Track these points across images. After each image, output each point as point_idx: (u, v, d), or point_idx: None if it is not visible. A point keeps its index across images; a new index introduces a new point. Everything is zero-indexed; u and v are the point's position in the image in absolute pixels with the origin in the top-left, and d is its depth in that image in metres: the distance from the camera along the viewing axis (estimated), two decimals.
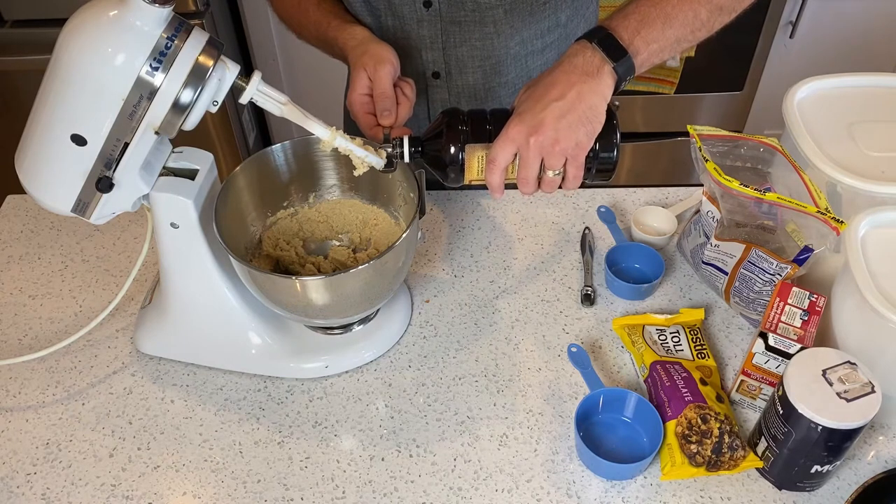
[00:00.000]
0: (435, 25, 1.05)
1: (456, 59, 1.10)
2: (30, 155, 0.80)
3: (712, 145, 1.01)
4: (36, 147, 0.79)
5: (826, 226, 0.88)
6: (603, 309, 1.04)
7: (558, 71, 0.81)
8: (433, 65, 1.10)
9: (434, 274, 1.09)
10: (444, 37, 1.07)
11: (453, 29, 1.06)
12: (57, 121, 0.76)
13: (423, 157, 0.88)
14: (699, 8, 0.84)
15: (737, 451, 0.83)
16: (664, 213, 1.13)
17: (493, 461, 0.87)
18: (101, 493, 0.85)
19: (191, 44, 0.73)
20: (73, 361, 0.98)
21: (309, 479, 0.86)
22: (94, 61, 0.72)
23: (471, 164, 0.85)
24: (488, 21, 1.05)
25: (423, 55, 1.09)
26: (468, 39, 1.07)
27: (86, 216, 0.84)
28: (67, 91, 0.74)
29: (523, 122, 0.79)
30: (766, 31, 2.24)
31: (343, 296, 0.88)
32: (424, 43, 1.08)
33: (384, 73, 0.93)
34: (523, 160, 0.81)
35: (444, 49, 1.08)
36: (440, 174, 0.87)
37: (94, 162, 0.78)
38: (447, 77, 1.12)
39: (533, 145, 0.79)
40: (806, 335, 0.85)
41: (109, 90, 0.73)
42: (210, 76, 0.74)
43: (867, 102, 1.04)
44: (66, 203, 0.82)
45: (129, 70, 0.72)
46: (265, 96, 0.81)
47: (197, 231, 0.87)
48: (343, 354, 0.97)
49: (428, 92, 1.14)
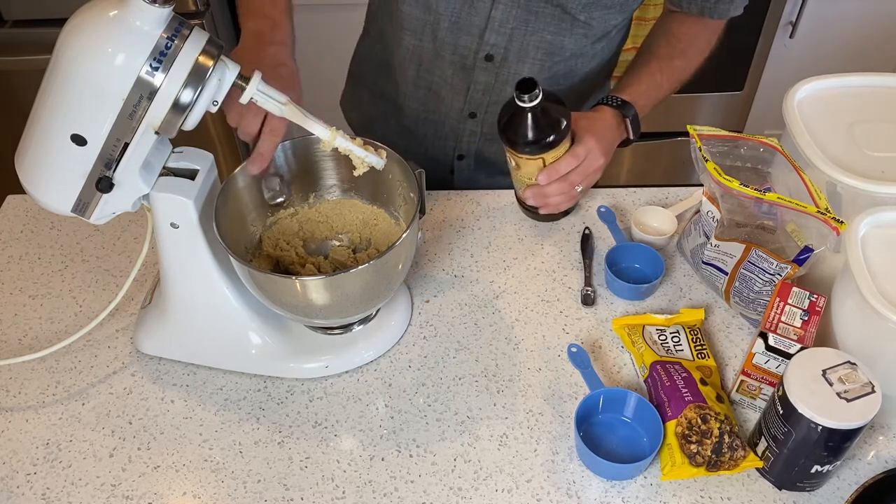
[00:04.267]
0: (510, 10, 1.05)
1: (520, 47, 1.09)
2: (30, 155, 0.80)
3: (712, 145, 1.01)
4: (36, 147, 0.79)
5: (826, 226, 0.88)
6: (603, 309, 1.04)
7: (609, 124, 1.05)
8: (491, 48, 1.10)
9: (434, 274, 1.09)
10: (514, 22, 1.06)
11: (529, 17, 1.06)
12: (57, 121, 0.76)
13: (535, 110, 0.94)
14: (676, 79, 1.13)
15: (737, 451, 0.83)
16: (664, 213, 1.13)
17: (493, 461, 0.87)
18: (101, 493, 0.85)
19: (191, 44, 0.73)
20: (73, 361, 0.98)
21: (309, 479, 0.86)
22: (95, 61, 0.72)
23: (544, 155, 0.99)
24: (567, 18, 1.05)
25: (486, 36, 1.08)
26: (539, 30, 1.07)
27: (86, 216, 0.84)
28: (67, 91, 0.74)
29: (594, 154, 1.01)
30: (766, 31, 2.24)
31: (343, 296, 0.88)
32: (493, 24, 1.07)
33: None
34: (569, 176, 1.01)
35: (511, 35, 1.08)
36: (533, 134, 0.96)
37: (94, 162, 0.78)
38: (501, 62, 1.11)
39: (589, 177, 1.02)
40: (806, 335, 0.85)
41: (109, 90, 0.73)
42: (210, 76, 0.74)
43: (867, 102, 1.04)
44: (66, 203, 0.82)
45: (129, 70, 0.72)
46: (265, 96, 0.80)
47: (197, 231, 0.87)
48: (343, 354, 0.97)
49: (474, 73, 1.13)
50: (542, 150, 0.97)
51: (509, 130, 0.97)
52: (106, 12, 0.71)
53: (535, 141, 0.96)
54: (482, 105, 1.17)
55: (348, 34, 1.37)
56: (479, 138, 1.22)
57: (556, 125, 0.97)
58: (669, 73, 1.12)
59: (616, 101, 1.07)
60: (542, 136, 0.96)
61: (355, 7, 1.35)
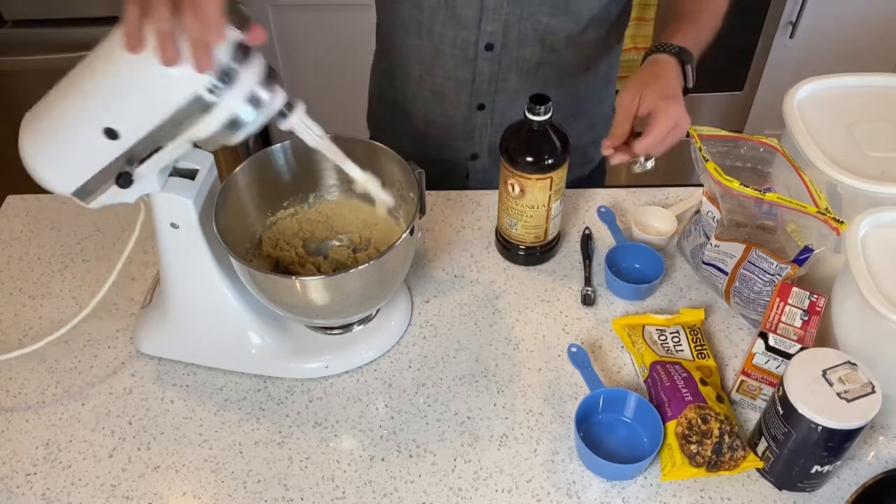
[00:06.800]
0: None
1: (518, 33, 1.09)
2: (45, 129, 0.76)
3: (712, 145, 1.01)
4: (56, 125, 0.76)
5: (826, 226, 0.88)
6: (603, 309, 1.04)
7: (676, 73, 1.01)
8: (489, 36, 1.10)
9: (434, 274, 1.09)
10: (508, 7, 1.06)
11: (521, 2, 1.06)
12: (91, 110, 0.74)
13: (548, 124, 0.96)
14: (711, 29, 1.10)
15: (737, 451, 0.83)
16: (664, 213, 1.13)
17: (493, 461, 0.87)
18: (101, 494, 0.85)
19: (252, 69, 0.72)
20: (73, 361, 0.98)
21: (309, 480, 0.86)
22: (153, 70, 0.69)
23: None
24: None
25: (482, 26, 1.08)
26: (533, 14, 1.07)
27: (84, 202, 0.82)
28: (112, 87, 0.72)
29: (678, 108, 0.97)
30: (766, 31, 2.24)
31: (343, 296, 0.88)
32: (487, 13, 1.07)
33: None
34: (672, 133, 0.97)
35: (507, 21, 1.08)
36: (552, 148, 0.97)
37: (119, 157, 0.76)
38: (501, 50, 1.11)
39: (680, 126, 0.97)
40: (806, 335, 0.85)
41: (162, 99, 0.72)
42: (266, 103, 0.74)
43: (867, 102, 1.04)
44: (68, 185, 0.80)
45: (189, 85, 0.70)
46: (305, 127, 0.80)
47: (197, 231, 0.87)
48: (343, 354, 0.97)
49: (476, 64, 1.13)
50: (559, 164, 0.98)
51: (525, 152, 0.97)
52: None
53: (555, 154, 0.97)
54: (489, 94, 1.17)
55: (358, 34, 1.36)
56: (490, 131, 1.22)
57: (566, 138, 0.98)
58: (705, 19, 1.10)
59: (673, 49, 1.03)
60: (561, 149, 0.97)
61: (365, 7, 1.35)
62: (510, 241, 1.08)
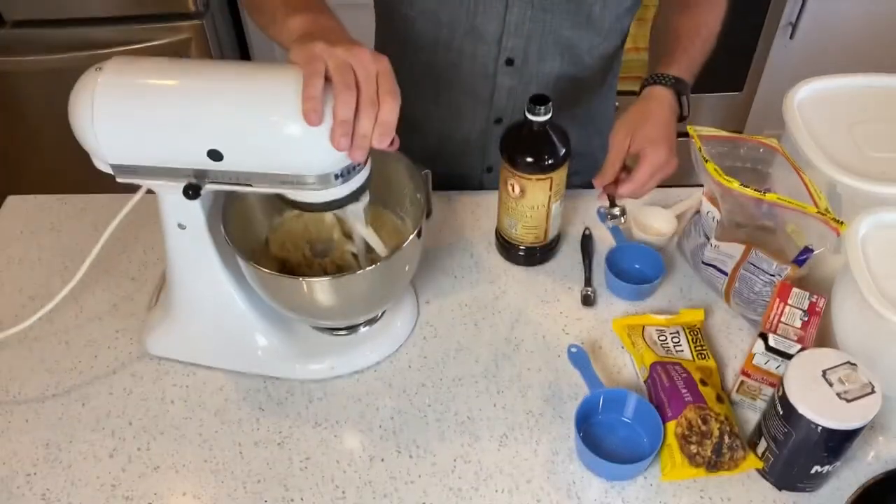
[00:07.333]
0: (524, 11, 1.04)
1: (539, 47, 1.09)
2: (149, 105, 0.73)
3: (712, 146, 1.00)
4: (166, 111, 0.72)
5: (826, 226, 0.88)
6: (603, 309, 1.04)
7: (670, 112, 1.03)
8: (510, 52, 1.09)
9: (434, 275, 1.09)
10: (531, 23, 1.06)
11: (545, 16, 1.05)
12: (217, 128, 0.72)
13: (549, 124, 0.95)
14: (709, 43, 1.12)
15: (737, 451, 0.83)
16: (664, 214, 1.13)
17: (493, 462, 0.87)
18: (101, 494, 0.85)
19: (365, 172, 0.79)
20: (73, 362, 0.98)
21: (309, 480, 0.86)
22: (298, 141, 0.71)
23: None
24: (583, 11, 1.05)
25: (504, 41, 1.08)
26: (556, 28, 1.07)
27: (118, 176, 0.78)
28: (245, 127, 0.72)
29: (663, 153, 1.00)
30: (766, 32, 2.24)
31: (349, 297, 0.88)
32: (509, 29, 1.06)
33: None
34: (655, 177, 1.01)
35: (529, 36, 1.07)
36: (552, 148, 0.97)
37: (199, 170, 0.75)
38: (522, 65, 1.11)
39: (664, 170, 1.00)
40: (806, 336, 0.85)
41: (285, 161, 0.73)
42: (360, 199, 0.81)
43: (867, 102, 1.04)
44: (118, 160, 0.75)
45: (330, 166, 0.74)
46: (358, 219, 0.86)
47: (204, 232, 0.86)
48: (349, 356, 0.97)
49: (496, 78, 1.13)
50: (559, 164, 0.97)
51: (525, 152, 0.97)
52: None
53: (556, 155, 0.97)
54: (507, 109, 1.16)
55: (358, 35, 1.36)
56: None
57: (566, 137, 0.98)
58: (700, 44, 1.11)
59: (669, 80, 1.04)
60: (561, 150, 0.97)
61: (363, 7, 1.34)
62: (510, 241, 1.08)
